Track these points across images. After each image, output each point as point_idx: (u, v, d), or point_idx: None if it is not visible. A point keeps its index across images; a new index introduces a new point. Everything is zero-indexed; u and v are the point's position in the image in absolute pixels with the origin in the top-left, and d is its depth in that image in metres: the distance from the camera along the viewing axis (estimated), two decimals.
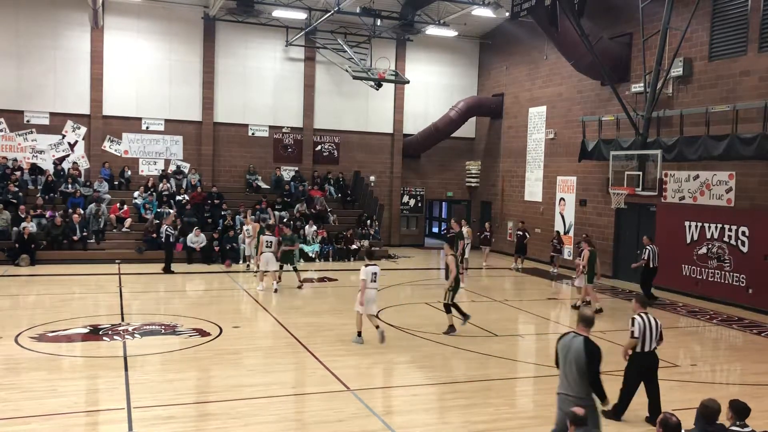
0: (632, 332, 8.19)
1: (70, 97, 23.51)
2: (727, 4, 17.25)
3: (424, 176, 28.97)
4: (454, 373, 10.36)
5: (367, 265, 11.67)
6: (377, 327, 11.76)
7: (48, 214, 21.04)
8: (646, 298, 8.75)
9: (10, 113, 22.91)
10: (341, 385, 9.44)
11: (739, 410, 6.02)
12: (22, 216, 20.43)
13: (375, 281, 11.65)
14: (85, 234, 20.99)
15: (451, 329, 12.70)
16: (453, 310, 12.78)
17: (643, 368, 8.30)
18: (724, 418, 6.10)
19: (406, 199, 28.65)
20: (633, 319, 8.25)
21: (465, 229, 20.59)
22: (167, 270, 19.22)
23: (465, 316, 12.91)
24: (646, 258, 16.69)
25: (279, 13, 23.53)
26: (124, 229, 21.76)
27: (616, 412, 8.33)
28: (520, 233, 22.47)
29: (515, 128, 26.25)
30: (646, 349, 8.21)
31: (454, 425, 8.15)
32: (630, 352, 8.34)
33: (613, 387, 9.71)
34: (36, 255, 19.77)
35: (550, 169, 24.05)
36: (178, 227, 20.84)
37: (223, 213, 23.02)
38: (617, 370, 10.52)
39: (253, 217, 21.44)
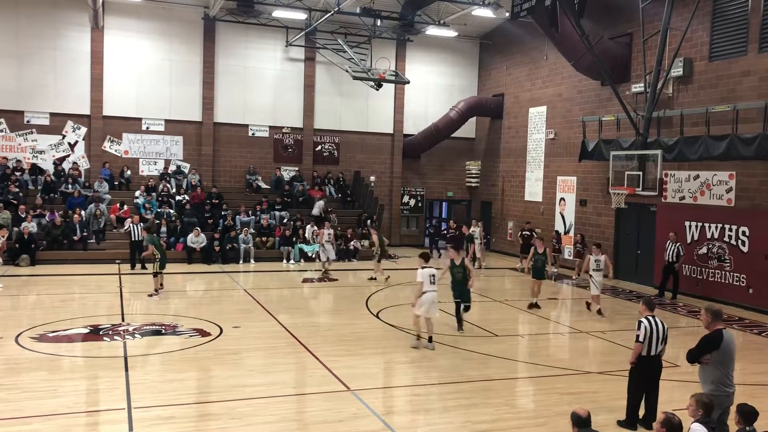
0: (637, 336, 7.88)
1: (71, 98, 23.51)
2: (727, 4, 17.24)
3: (425, 176, 28.97)
4: (454, 373, 10.35)
5: (423, 268, 11.60)
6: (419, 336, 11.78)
7: (48, 215, 21.05)
8: (653, 301, 8.54)
9: (10, 113, 22.91)
10: (341, 385, 9.44)
11: (747, 414, 5.95)
12: (23, 216, 20.43)
13: (433, 283, 11.58)
14: (85, 234, 20.99)
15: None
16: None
17: (645, 373, 8.04)
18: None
19: (406, 199, 28.65)
20: (639, 322, 7.96)
21: (477, 230, 20.86)
22: (133, 266, 19.62)
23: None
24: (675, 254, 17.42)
25: (279, 13, 23.53)
26: (123, 230, 21.75)
27: (631, 423, 8.16)
28: (527, 233, 22.45)
29: (515, 128, 26.25)
30: (652, 353, 7.92)
31: (454, 425, 8.14)
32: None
33: (614, 387, 9.72)
34: (36, 255, 19.78)
35: (551, 169, 24.05)
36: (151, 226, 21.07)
37: (223, 213, 23.04)
38: (617, 370, 10.54)
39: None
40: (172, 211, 22.78)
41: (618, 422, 8.19)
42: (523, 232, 22.73)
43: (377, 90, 24.44)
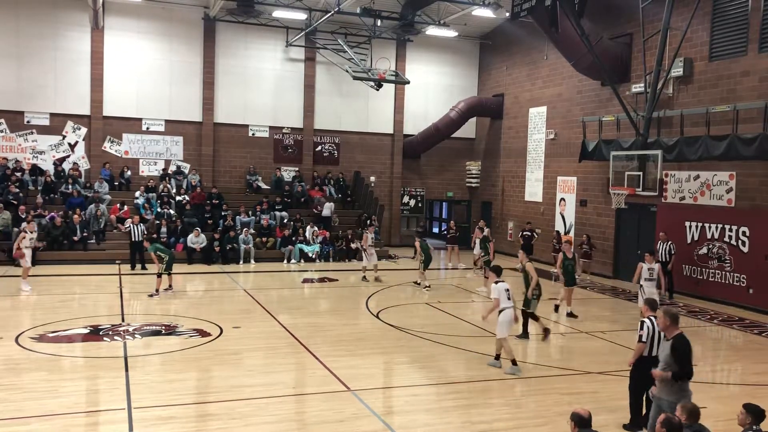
0: (640, 336, 7.84)
1: (71, 98, 23.52)
2: (727, 4, 17.24)
3: (425, 176, 28.97)
4: (454, 373, 10.35)
5: (497, 282, 10.68)
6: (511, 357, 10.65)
7: (48, 216, 21.04)
8: (655, 302, 8.51)
9: (10, 114, 22.91)
10: (341, 385, 9.44)
11: (756, 413, 5.93)
12: (23, 216, 20.43)
13: (510, 299, 10.65)
14: (85, 234, 20.99)
15: (547, 332, 12.60)
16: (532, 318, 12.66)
17: (646, 374, 7.84)
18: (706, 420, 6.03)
19: (406, 199, 28.65)
20: (642, 322, 7.93)
21: (487, 230, 20.97)
22: (133, 266, 19.70)
23: (546, 331, 12.66)
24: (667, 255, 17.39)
25: (279, 13, 23.53)
26: (124, 229, 21.75)
27: (635, 423, 8.12)
28: (528, 233, 22.47)
29: (515, 128, 26.25)
30: (654, 353, 7.83)
31: (454, 425, 8.14)
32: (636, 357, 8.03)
33: (614, 387, 9.72)
34: (36, 255, 19.75)
35: (551, 169, 24.05)
36: (149, 227, 21.08)
37: (223, 213, 23.04)
38: (617, 370, 10.54)
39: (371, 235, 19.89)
40: (172, 211, 22.78)
41: (624, 426, 8.15)
42: (524, 233, 22.74)
43: (377, 90, 24.42)
